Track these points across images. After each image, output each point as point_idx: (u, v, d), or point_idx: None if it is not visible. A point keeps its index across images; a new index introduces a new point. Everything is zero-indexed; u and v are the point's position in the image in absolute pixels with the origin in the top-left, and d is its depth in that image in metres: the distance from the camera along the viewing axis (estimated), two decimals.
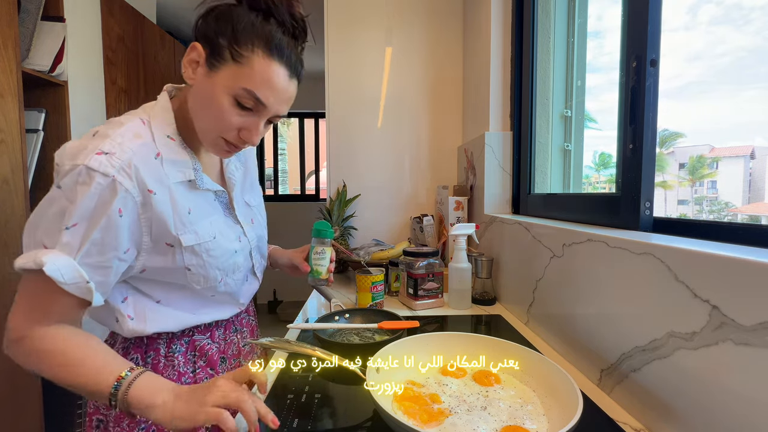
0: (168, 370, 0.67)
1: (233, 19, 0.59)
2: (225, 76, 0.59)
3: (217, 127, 0.62)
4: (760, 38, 0.67)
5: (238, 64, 0.58)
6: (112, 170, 0.54)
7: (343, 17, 1.65)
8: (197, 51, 0.60)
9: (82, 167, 0.52)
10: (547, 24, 1.15)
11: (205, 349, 0.72)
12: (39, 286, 0.53)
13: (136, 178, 0.56)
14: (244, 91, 0.59)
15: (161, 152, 0.60)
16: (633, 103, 0.67)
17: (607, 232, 0.66)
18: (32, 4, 1.35)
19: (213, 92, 0.59)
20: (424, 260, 1.08)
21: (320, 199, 4.08)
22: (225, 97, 0.59)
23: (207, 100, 0.60)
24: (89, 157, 0.53)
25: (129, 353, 0.66)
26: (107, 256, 0.56)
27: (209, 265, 0.65)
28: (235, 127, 0.62)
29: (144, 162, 0.57)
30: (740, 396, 0.41)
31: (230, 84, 0.59)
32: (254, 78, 0.58)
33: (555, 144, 1.17)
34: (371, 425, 0.56)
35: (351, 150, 1.70)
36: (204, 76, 0.60)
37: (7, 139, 1.21)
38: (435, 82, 1.68)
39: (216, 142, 0.63)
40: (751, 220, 0.78)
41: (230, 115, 0.60)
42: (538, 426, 0.50)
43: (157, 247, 0.61)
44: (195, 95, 0.62)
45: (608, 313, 0.63)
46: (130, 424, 0.64)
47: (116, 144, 0.55)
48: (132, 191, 0.55)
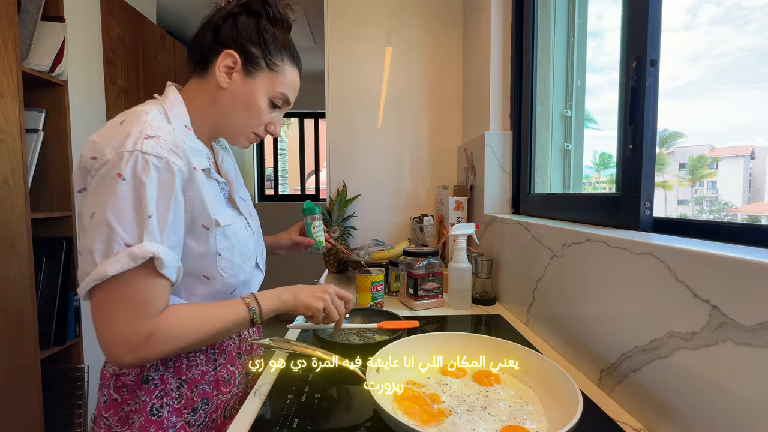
0: (192, 371, 0.68)
1: (260, 30, 0.68)
2: (263, 82, 0.69)
3: (253, 124, 0.71)
4: (760, 38, 0.67)
5: (274, 72, 0.70)
6: (164, 152, 0.56)
7: (343, 17, 1.65)
8: (233, 58, 0.66)
9: (138, 153, 0.53)
10: (547, 24, 1.15)
11: (224, 345, 0.74)
12: (140, 282, 0.54)
13: (184, 156, 0.59)
14: (281, 94, 0.71)
15: (184, 139, 0.62)
16: (633, 103, 0.67)
17: (607, 232, 0.66)
18: (32, 4, 1.35)
19: (253, 95, 0.69)
20: (424, 260, 1.08)
21: (320, 199, 4.08)
22: (264, 99, 0.70)
23: (246, 102, 0.69)
24: (139, 142, 0.54)
25: None
26: (180, 234, 0.59)
27: (235, 249, 0.68)
28: (267, 122, 0.73)
29: (183, 142, 0.60)
30: (740, 396, 0.41)
31: (269, 89, 0.70)
32: (287, 84, 0.72)
33: (555, 144, 1.17)
34: (371, 425, 0.56)
35: (351, 150, 1.70)
36: (241, 81, 0.68)
37: (7, 139, 1.21)
38: (435, 82, 1.68)
39: (248, 135, 0.73)
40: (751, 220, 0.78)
41: (264, 113, 0.71)
42: (538, 426, 0.50)
43: (193, 229, 0.63)
44: (231, 97, 0.69)
45: (608, 313, 0.63)
46: (157, 431, 0.64)
47: (156, 128, 0.57)
48: (183, 169, 0.59)
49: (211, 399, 0.69)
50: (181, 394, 0.67)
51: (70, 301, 1.49)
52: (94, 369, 1.59)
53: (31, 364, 1.29)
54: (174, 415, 0.65)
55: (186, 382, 0.67)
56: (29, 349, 1.28)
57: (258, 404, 0.62)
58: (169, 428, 0.64)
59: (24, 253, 1.26)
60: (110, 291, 0.54)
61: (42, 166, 1.46)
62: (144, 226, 0.53)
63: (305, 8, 2.42)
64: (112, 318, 0.54)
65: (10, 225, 1.22)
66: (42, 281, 1.40)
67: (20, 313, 1.25)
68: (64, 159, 1.48)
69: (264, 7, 0.69)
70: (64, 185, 1.49)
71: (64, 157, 1.48)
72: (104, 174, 0.53)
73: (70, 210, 1.49)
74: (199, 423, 0.67)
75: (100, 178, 0.53)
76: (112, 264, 0.52)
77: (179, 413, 0.66)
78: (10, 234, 1.22)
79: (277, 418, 0.58)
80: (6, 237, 1.21)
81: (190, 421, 0.66)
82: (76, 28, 1.56)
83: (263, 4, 0.69)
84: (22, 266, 1.25)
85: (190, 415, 0.67)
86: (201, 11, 1.06)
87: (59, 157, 1.48)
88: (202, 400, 0.68)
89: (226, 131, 0.72)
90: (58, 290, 1.42)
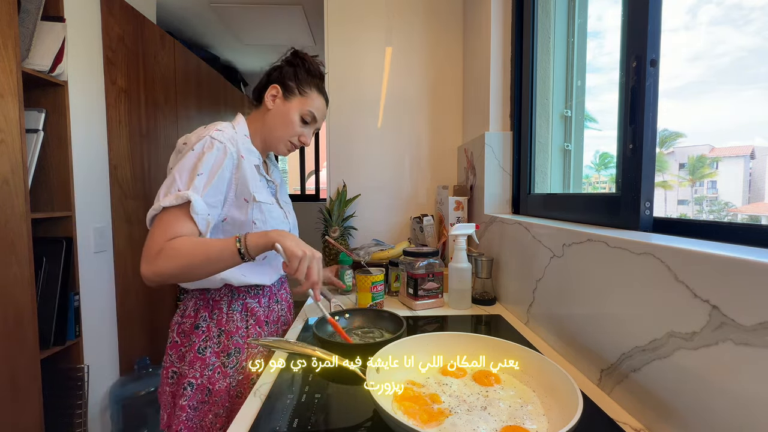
0: (230, 324, 0.91)
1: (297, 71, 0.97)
2: (296, 104, 0.96)
3: (288, 134, 0.97)
4: (760, 38, 0.66)
5: (304, 97, 0.97)
6: (224, 139, 0.85)
7: (343, 17, 1.65)
8: (276, 89, 0.96)
9: (207, 137, 0.83)
10: (547, 24, 1.15)
11: (255, 311, 0.95)
12: (175, 215, 0.77)
13: (236, 146, 0.87)
14: (309, 112, 0.97)
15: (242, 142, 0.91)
16: (633, 103, 0.67)
17: (607, 232, 0.66)
18: (32, 4, 1.35)
19: (288, 112, 0.96)
20: (424, 260, 1.08)
21: (320, 199, 4.07)
22: (296, 116, 0.96)
23: (284, 118, 0.96)
24: (211, 132, 0.84)
25: (198, 312, 0.91)
26: (217, 198, 0.83)
27: (269, 223, 0.92)
28: (298, 134, 0.98)
29: (239, 141, 0.89)
30: (740, 396, 0.41)
31: (300, 108, 0.97)
32: (313, 104, 0.98)
33: (555, 144, 1.17)
34: (371, 425, 0.56)
35: (351, 150, 1.70)
36: (281, 103, 0.96)
37: (7, 139, 1.21)
38: (435, 82, 1.68)
39: (286, 144, 0.98)
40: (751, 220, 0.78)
41: (297, 127, 0.97)
42: (538, 426, 0.50)
43: (238, 201, 0.88)
44: (274, 116, 0.96)
45: (608, 313, 0.63)
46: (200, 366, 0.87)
47: (224, 127, 0.89)
48: (234, 155, 0.86)
49: (242, 349, 0.91)
50: (220, 341, 0.90)
51: (70, 301, 1.49)
52: (94, 369, 1.59)
53: (31, 364, 1.28)
54: (214, 356, 0.89)
55: (225, 332, 0.90)
56: (29, 349, 1.28)
57: (258, 404, 0.62)
58: (209, 365, 0.88)
59: (24, 253, 1.26)
60: (158, 219, 0.78)
61: (42, 166, 1.45)
62: (193, 180, 0.78)
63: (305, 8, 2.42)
64: (150, 239, 0.77)
65: (10, 225, 1.22)
66: (42, 281, 1.40)
67: (20, 313, 1.25)
68: (64, 159, 1.48)
69: (302, 62, 0.98)
70: (64, 185, 1.49)
71: (64, 157, 1.48)
72: (186, 150, 0.84)
73: (70, 210, 1.49)
74: (232, 366, 0.89)
75: (184, 152, 0.83)
76: (166, 198, 0.77)
77: (218, 356, 0.89)
78: (10, 234, 1.22)
79: (277, 418, 0.58)
80: (6, 237, 1.21)
81: (224, 362, 0.89)
82: (76, 28, 1.56)
83: (301, 60, 0.98)
84: (22, 266, 1.25)
85: (225, 358, 0.89)
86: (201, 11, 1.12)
87: (59, 157, 1.48)
88: (235, 348, 0.90)
89: (270, 140, 0.98)
90: (58, 290, 1.42)
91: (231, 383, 0.88)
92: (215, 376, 0.87)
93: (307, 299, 1.21)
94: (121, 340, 1.82)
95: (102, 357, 1.70)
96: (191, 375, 0.86)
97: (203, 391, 0.87)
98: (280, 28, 2.73)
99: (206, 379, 0.87)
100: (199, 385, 0.87)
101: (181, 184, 0.78)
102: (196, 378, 0.86)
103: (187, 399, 0.85)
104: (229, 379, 0.88)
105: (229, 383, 0.88)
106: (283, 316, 1.06)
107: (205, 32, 2.83)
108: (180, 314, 0.94)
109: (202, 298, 0.92)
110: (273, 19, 2.58)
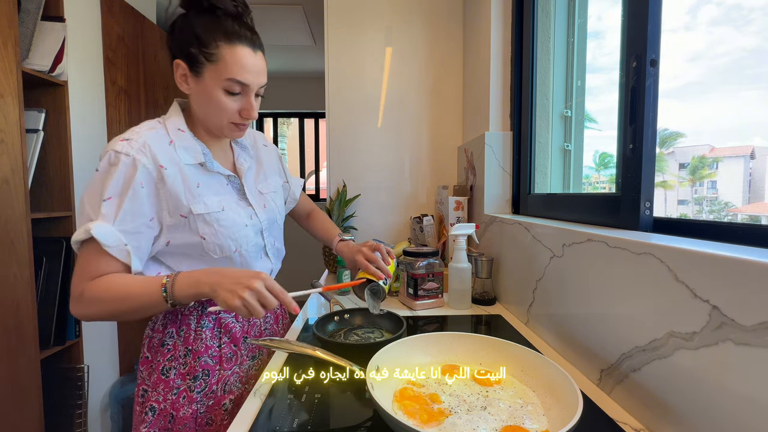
0: (197, 343, 0.78)
1: (192, 28, 0.72)
2: (210, 77, 0.72)
3: (222, 116, 0.75)
4: (760, 38, 0.66)
5: (213, 63, 0.71)
6: (132, 151, 0.68)
7: (343, 17, 1.65)
8: (182, 67, 0.73)
9: (111, 151, 0.69)
10: (547, 24, 1.15)
11: (230, 327, 0.82)
12: (90, 251, 0.67)
13: (150, 155, 0.70)
14: (229, 81, 0.72)
15: (174, 140, 0.75)
16: (633, 103, 0.67)
17: (607, 232, 0.66)
18: (32, 4, 1.35)
19: (208, 92, 0.73)
20: (424, 260, 1.08)
21: (320, 199, 4.07)
22: (217, 92, 0.73)
23: (206, 100, 0.74)
24: (116, 144, 0.69)
25: (166, 328, 0.79)
26: (137, 223, 0.69)
27: (221, 234, 0.76)
28: (235, 110, 0.75)
29: (156, 144, 0.72)
30: (740, 396, 0.41)
31: (216, 80, 0.72)
32: (230, 67, 0.71)
33: (555, 144, 1.17)
34: (371, 425, 0.56)
35: (351, 150, 1.70)
36: (195, 83, 0.74)
37: (7, 139, 1.21)
38: (435, 82, 1.68)
39: (227, 127, 0.77)
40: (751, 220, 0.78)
41: (227, 104, 0.74)
42: (538, 426, 0.50)
43: (174, 219, 0.73)
44: (196, 99, 0.77)
45: (608, 313, 0.63)
46: (164, 389, 0.76)
47: (134, 133, 0.72)
48: (148, 166, 0.69)
49: (212, 371, 0.79)
50: (186, 361, 0.78)
51: None
52: (94, 369, 1.59)
53: (31, 364, 1.28)
54: (179, 378, 0.77)
55: (192, 351, 0.78)
56: (29, 349, 1.28)
57: (258, 404, 0.62)
58: (173, 388, 0.76)
59: (24, 253, 1.26)
60: (78, 256, 0.69)
61: (42, 166, 1.45)
62: (101, 207, 0.66)
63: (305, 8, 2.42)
64: (74, 275, 0.68)
65: (10, 225, 1.22)
66: (42, 281, 1.40)
67: (20, 313, 1.25)
68: (64, 159, 1.48)
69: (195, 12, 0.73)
70: (64, 185, 1.49)
71: (64, 157, 1.48)
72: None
73: (70, 210, 1.49)
74: (199, 390, 0.77)
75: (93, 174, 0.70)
76: (77, 233, 0.66)
77: (183, 378, 0.77)
78: (10, 234, 1.22)
79: (277, 418, 0.58)
80: (6, 237, 1.21)
81: (191, 386, 0.77)
82: (76, 28, 1.56)
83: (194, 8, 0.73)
84: (22, 266, 1.25)
85: (191, 381, 0.77)
86: None
87: (59, 157, 1.48)
88: (203, 371, 0.78)
89: (210, 128, 0.79)
90: (58, 290, 1.42)
91: (198, 409, 0.77)
92: (179, 401, 0.76)
93: (308, 297, 1.21)
94: (121, 340, 1.82)
95: (102, 357, 1.70)
96: (154, 398, 0.76)
97: (166, 417, 0.76)
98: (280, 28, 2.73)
99: (169, 404, 0.76)
100: (162, 410, 0.76)
101: (91, 212, 0.66)
102: (159, 402, 0.76)
103: (147, 425, 0.75)
104: (196, 405, 0.76)
105: (195, 409, 0.76)
106: (268, 329, 0.92)
107: None
108: (150, 327, 0.82)
109: (172, 311, 0.79)
110: (273, 19, 2.58)
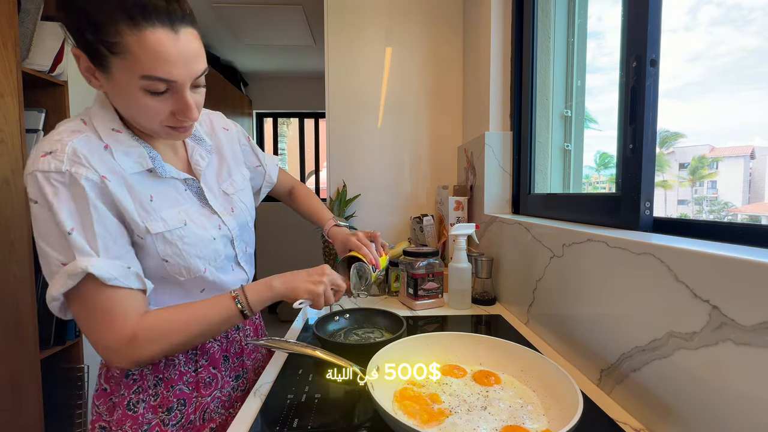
0: (169, 370, 0.68)
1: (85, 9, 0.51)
2: (119, 75, 0.53)
3: (152, 120, 0.58)
4: (760, 38, 0.67)
5: (118, 55, 0.51)
6: (63, 165, 0.53)
7: (343, 17, 1.65)
8: (82, 58, 0.54)
9: (36, 173, 0.52)
10: (547, 24, 1.15)
11: (206, 347, 0.72)
12: (97, 294, 0.54)
13: (88, 163, 0.55)
14: (145, 80, 0.52)
15: (109, 144, 0.58)
16: (633, 103, 0.67)
17: (607, 232, 0.66)
18: (32, 4, 1.35)
19: (124, 94, 0.55)
20: (424, 260, 1.08)
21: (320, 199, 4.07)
22: (136, 92, 0.54)
23: (126, 101, 0.57)
24: (36, 162, 0.53)
25: None
26: (121, 242, 0.57)
27: (186, 253, 0.64)
28: (166, 112, 0.57)
29: (90, 151, 0.56)
30: (740, 396, 0.41)
31: (129, 80, 0.53)
32: (142, 62, 0.51)
33: (555, 144, 1.17)
34: (371, 425, 0.56)
35: (351, 150, 1.69)
36: (105, 80, 0.55)
37: (7, 139, 1.21)
38: (435, 82, 1.68)
39: (162, 130, 0.60)
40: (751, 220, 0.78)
41: (153, 107, 0.56)
42: (538, 426, 0.50)
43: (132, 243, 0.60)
44: (113, 99, 0.60)
45: (608, 313, 0.63)
46: (132, 426, 0.65)
47: (55, 141, 0.55)
48: (91, 177, 0.54)
49: (189, 400, 0.69)
50: (157, 392, 0.67)
51: None
52: (94, 369, 1.59)
53: (31, 364, 1.28)
54: (150, 412, 0.66)
55: (163, 380, 0.67)
56: (29, 349, 1.28)
57: (258, 404, 0.62)
58: (143, 424, 0.65)
59: (24, 253, 1.26)
60: (78, 305, 0.55)
61: None
62: (69, 243, 0.52)
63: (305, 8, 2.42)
64: (92, 328, 0.56)
65: (10, 225, 1.22)
66: (42, 281, 1.40)
67: (20, 313, 1.25)
68: None
69: None
70: None
71: None
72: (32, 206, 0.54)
73: None
74: (175, 423, 0.67)
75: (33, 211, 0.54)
76: (54, 285, 0.53)
77: (155, 411, 0.66)
78: (10, 234, 1.22)
79: (277, 418, 0.58)
80: (6, 237, 1.21)
81: (164, 419, 0.66)
82: None
83: None
84: (22, 266, 1.25)
85: (165, 414, 0.66)
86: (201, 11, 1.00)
87: None
88: (179, 401, 0.68)
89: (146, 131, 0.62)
90: None
91: None
92: None
93: None
94: None
95: None
96: None
97: None
98: (280, 28, 2.73)
99: None
100: None
101: (58, 254, 0.52)
102: None
103: None
104: None
105: None
106: (250, 344, 0.82)
107: (205, 32, 2.83)
108: None
109: None
110: (273, 19, 2.58)
